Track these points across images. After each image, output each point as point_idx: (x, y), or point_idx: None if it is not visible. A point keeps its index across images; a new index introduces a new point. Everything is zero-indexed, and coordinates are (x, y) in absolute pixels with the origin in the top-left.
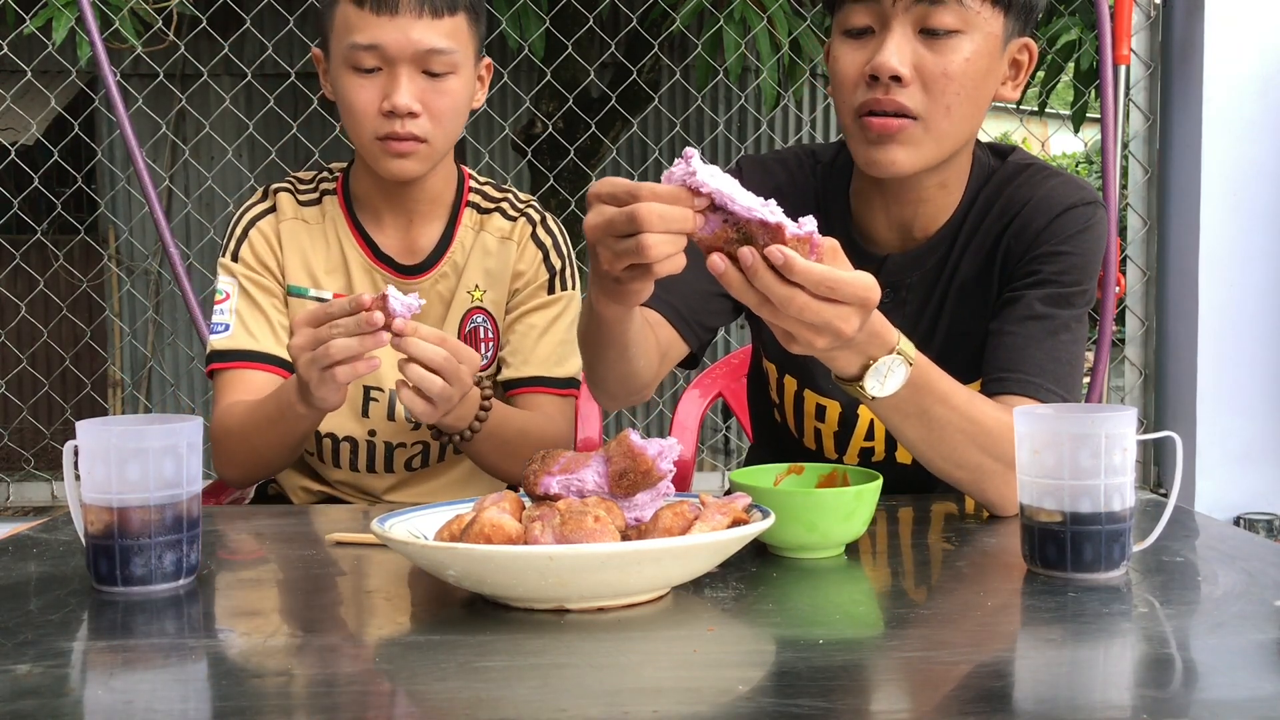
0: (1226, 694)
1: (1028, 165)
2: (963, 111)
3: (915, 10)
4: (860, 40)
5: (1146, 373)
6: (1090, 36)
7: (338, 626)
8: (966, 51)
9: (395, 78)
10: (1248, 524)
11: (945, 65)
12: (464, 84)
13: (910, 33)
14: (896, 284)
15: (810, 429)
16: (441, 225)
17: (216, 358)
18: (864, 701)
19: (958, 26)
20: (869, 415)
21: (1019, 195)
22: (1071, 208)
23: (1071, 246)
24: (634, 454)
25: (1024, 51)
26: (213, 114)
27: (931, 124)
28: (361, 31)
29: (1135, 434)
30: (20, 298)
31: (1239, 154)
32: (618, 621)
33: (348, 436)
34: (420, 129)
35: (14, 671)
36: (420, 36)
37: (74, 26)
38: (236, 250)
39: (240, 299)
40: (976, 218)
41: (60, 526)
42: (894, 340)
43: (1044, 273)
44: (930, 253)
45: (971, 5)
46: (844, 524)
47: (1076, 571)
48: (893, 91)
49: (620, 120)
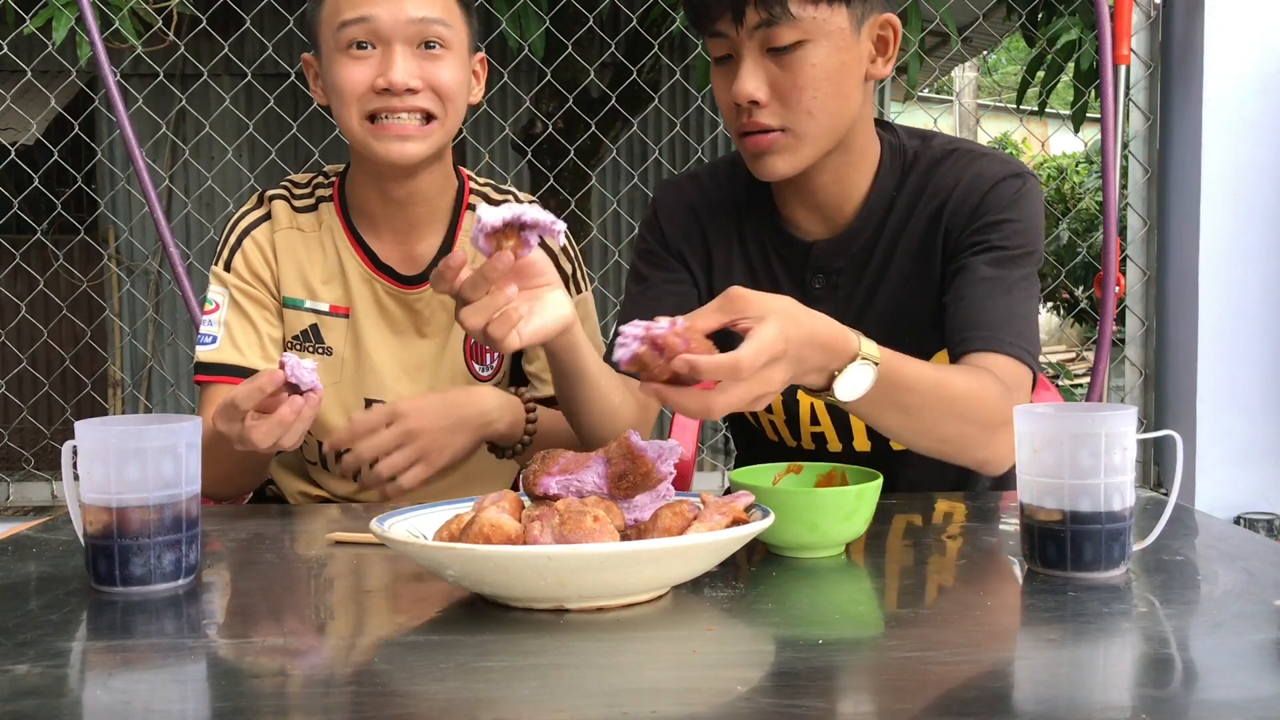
0: (1226, 694)
1: (954, 149)
2: (826, 109)
3: (758, 35)
4: (725, 68)
5: (1146, 373)
6: (1090, 36)
7: (337, 626)
8: (814, 58)
9: (390, 55)
10: (1248, 524)
11: (795, 78)
12: (460, 64)
13: (759, 55)
14: (826, 269)
15: (765, 421)
16: (442, 232)
17: (202, 370)
18: (864, 701)
19: (800, 38)
20: (808, 400)
21: (949, 177)
22: (1002, 180)
23: (1010, 214)
24: (634, 455)
25: (886, 27)
26: (213, 114)
27: (798, 130)
28: (351, 7)
29: (1135, 433)
30: (20, 298)
31: (1239, 154)
32: (617, 621)
33: (349, 449)
34: (426, 102)
35: (13, 671)
36: (413, 8)
37: (74, 26)
38: (230, 259)
39: (230, 310)
40: (908, 201)
41: (60, 526)
42: (854, 347)
43: (988, 240)
44: (855, 235)
45: (807, 14)
46: (844, 524)
47: (1076, 571)
48: (755, 114)
49: (620, 120)
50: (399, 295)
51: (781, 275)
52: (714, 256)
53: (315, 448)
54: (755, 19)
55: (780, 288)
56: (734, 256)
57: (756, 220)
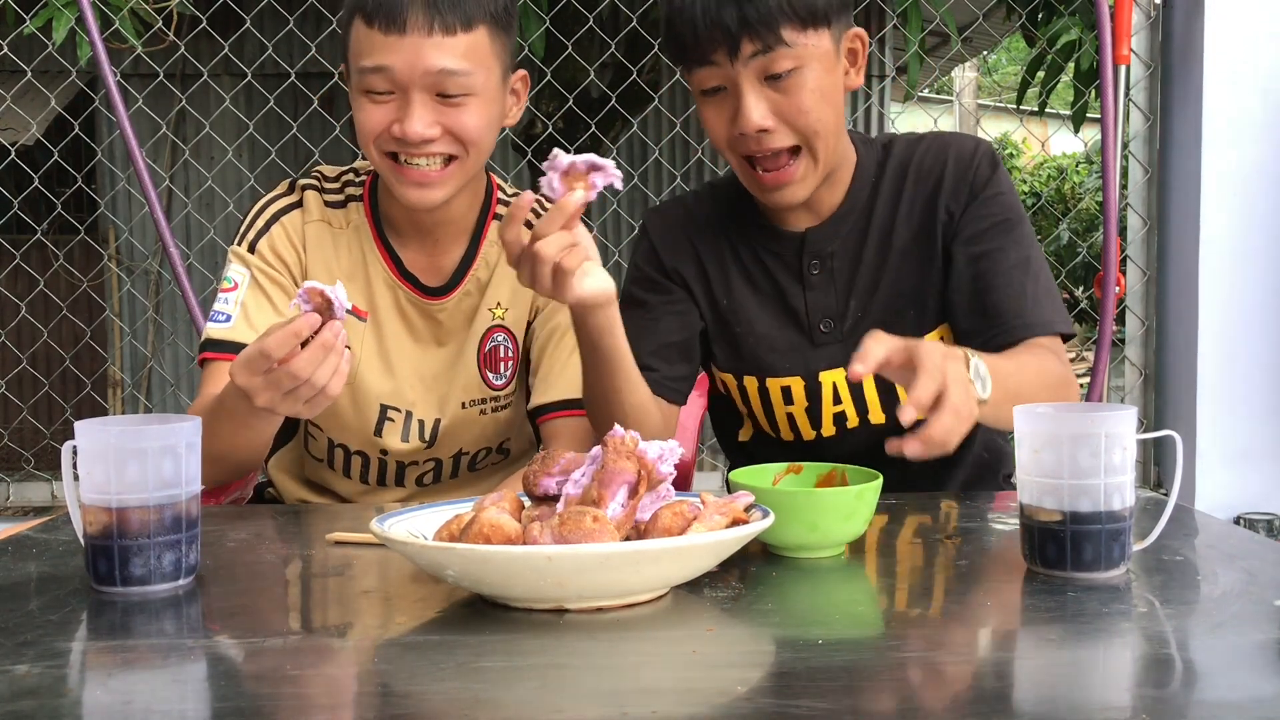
0: (1226, 694)
1: (920, 136)
2: (827, 123)
3: (754, 64)
4: (717, 98)
5: (1146, 373)
6: (1090, 36)
7: (336, 626)
8: (810, 81)
9: (408, 104)
10: (1248, 524)
11: (797, 103)
12: (485, 105)
13: (758, 84)
14: (821, 254)
15: (783, 418)
16: (466, 243)
17: (211, 346)
18: (863, 702)
19: (795, 64)
20: (831, 379)
21: (932, 158)
22: (977, 151)
23: (1000, 185)
24: (634, 456)
25: (855, 40)
26: (213, 114)
27: (811, 148)
28: (370, 54)
29: (1135, 433)
30: (20, 298)
31: (1239, 154)
32: (617, 622)
33: (360, 450)
34: (443, 148)
35: (13, 671)
36: (432, 57)
37: (74, 26)
38: (255, 240)
39: (249, 290)
40: (893, 184)
41: (60, 526)
42: (961, 350)
43: (993, 215)
44: (844, 219)
45: (798, 40)
46: (844, 523)
47: (1076, 571)
48: (764, 141)
49: (620, 120)
50: (421, 305)
51: (777, 270)
52: (709, 271)
53: (325, 445)
54: (750, 49)
55: (778, 282)
56: (728, 265)
57: (742, 227)
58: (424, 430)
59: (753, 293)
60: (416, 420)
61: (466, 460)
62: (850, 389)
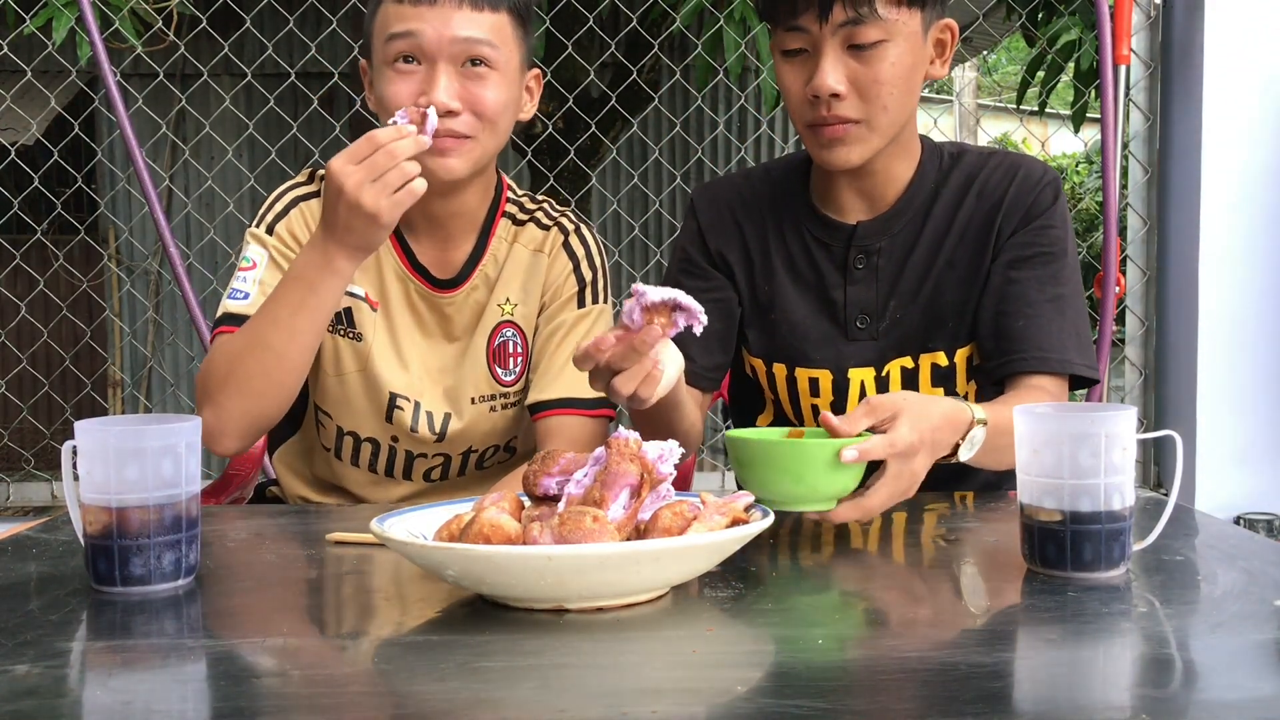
0: (1226, 694)
1: (992, 151)
2: (898, 104)
3: (841, 32)
4: (796, 60)
5: (1146, 373)
6: (1090, 36)
7: (337, 627)
8: (892, 57)
9: (434, 74)
10: (1248, 524)
11: (876, 74)
12: (506, 84)
13: (840, 51)
14: (868, 249)
15: (807, 409)
16: (475, 238)
17: (229, 320)
18: (863, 701)
19: (881, 37)
20: (859, 376)
21: (999, 177)
22: (1045, 184)
23: (1052, 219)
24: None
25: (945, 31)
26: (213, 114)
27: (873, 123)
28: (399, 21)
29: (1135, 433)
30: (20, 298)
31: (1239, 154)
32: (617, 621)
33: (370, 438)
34: (464, 125)
35: (13, 671)
36: (460, 25)
37: (74, 26)
38: (274, 223)
39: (268, 269)
40: (954, 194)
41: (60, 526)
42: (970, 416)
43: (1038, 245)
44: (897, 218)
45: (890, 15)
46: (830, 475)
47: (1076, 571)
48: (834, 107)
49: (620, 120)
50: (431, 298)
51: (822, 261)
52: (753, 255)
53: (334, 433)
54: (842, 16)
55: (821, 272)
56: (772, 250)
57: (791, 214)
58: (433, 422)
59: (794, 280)
60: (425, 411)
61: (475, 458)
62: (877, 389)
